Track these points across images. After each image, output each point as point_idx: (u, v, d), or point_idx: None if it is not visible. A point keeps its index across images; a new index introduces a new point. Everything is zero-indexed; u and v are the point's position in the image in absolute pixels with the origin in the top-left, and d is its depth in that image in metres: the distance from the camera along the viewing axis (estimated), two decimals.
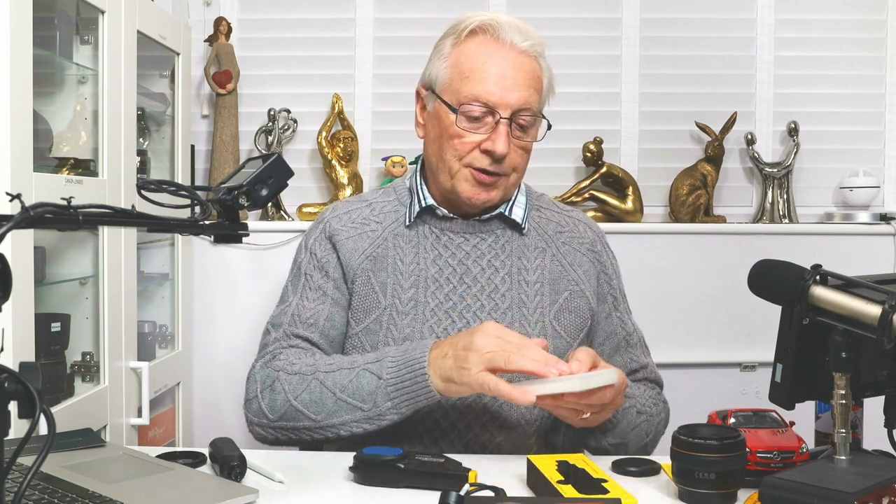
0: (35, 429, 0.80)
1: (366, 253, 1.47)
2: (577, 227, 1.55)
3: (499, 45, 1.43)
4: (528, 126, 1.42)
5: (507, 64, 1.41)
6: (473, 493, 1.06)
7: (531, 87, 1.42)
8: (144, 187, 1.09)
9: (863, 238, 2.57)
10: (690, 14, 2.68)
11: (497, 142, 1.39)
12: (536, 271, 1.47)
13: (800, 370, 1.06)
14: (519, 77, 1.41)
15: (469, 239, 1.48)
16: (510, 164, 1.42)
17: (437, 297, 1.43)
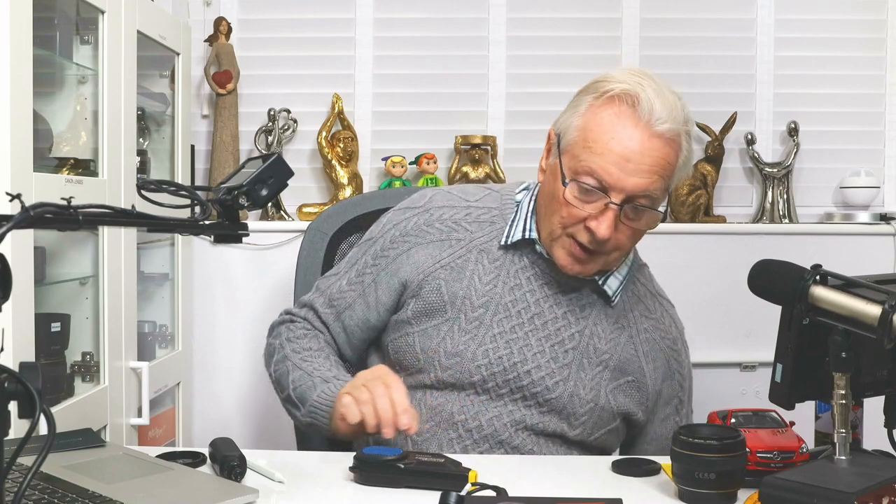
0: (35, 429, 0.80)
1: (442, 262, 1.43)
2: (663, 320, 1.50)
3: (634, 121, 1.30)
4: (643, 210, 1.33)
5: (635, 145, 1.29)
6: (474, 492, 1.06)
7: (655, 173, 1.30)
8: (144, 187, 1.09)
9: (863, 238, 2.57)
10: (690, 14, 2.68)
11: (602, 225, 1.30)
12: (609, 344, 1.42)
13: (800, 370, 1.06)
14: (644, 162, 1.30)
15: (553, 284, 1.41)
16: (613, 245, 1.35)
17: (501, 325, 1.40)
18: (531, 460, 1.34)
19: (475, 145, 2.55)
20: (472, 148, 2.56)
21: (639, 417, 1.45)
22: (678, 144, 1.33)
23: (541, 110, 2.65)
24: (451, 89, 2.64)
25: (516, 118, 2.66)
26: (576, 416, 1.40)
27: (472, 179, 2.55)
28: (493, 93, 2.66)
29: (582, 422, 1.40)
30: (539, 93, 2.65)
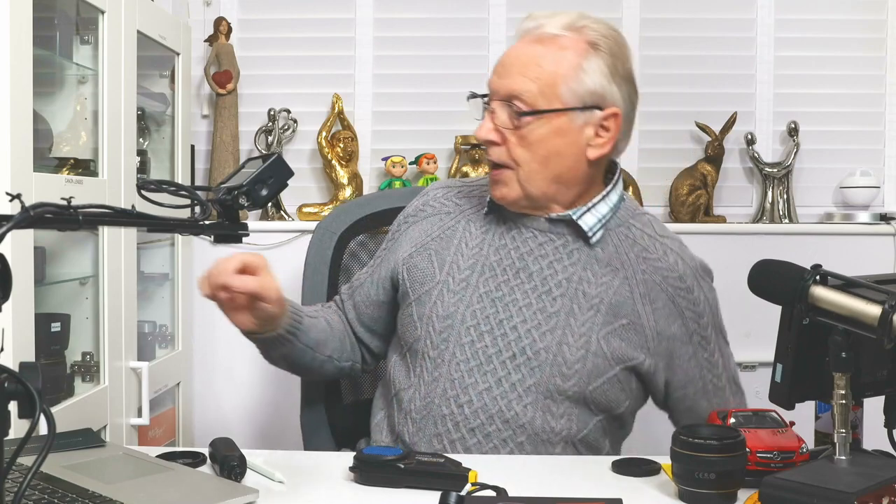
0: (35, 429, 0.80)
1: (433, 234, 1.48)
2: (666, 258, 1.42)
3: (518, 34, 1.39)
4: (522, 115, 1.33)
5: (511, 51, 1.37)
6: (474, 492, 1.06)
7: (524, 74, 1.33)
8: (144, 187, 1.09)
9: (863, 238, 2.57)
10: (690, 14, 2.68)
11: (479, 128, 1.37)
12: (600, 288, 1.38)
13: (800, 370, 1.06)
14: (514, 65, 1.35)
15: (537, 236, 1.41)
16: (510, 157, 1.36)
17: (488, 284, 1.40)
18: (531, 460, 1.34)
19: (475, 145, 2.55)
20: (472, 148, 2.56)
21: (642, 362, 1.37)
22: (558, 47, 1.34)
23: None
24: (451, 89, 2.64)
25: None
26: (567, 365, 1.34)
27: None
28: None
29: (575, 370, 1.34)
30: None
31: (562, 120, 1.34)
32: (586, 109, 1.34)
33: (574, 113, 1.34)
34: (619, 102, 1.36)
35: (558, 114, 1.34)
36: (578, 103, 1.34)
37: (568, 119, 1.34)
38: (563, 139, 1.35)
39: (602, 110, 1.35)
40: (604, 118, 1.35)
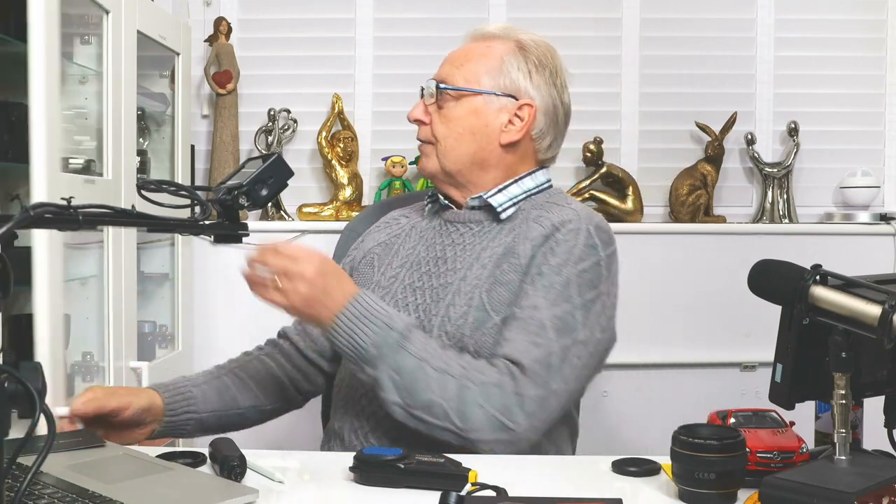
0: (35, 429, 0.80)
1: (379, 241, 1.60)
2: (560, 212, 1.47)
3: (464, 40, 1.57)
4: (450, 99, 1.49)
5: (455, 50, 1.55)
6: (474, 492, 1.06)
7: (452, 63, 1.51)
8: (144, 187, 1.09)
9: (863, 238, 2.57)
10: (690, 14, 2.68)
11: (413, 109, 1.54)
12: (496, 249, 1.44)
13: (800, 370, 1.06)
14: (451, 58, 1.53)
15: (459, 228, 1.51)
16: (432, 133, 1.51)
17: (412, 276, 1.49)
18: (531, 460, 1.34)
19: None
20: None
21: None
22: (489, 44, 1.52)
23: None
24: None
25: None
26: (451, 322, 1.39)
27: None
28: None
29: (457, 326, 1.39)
30: None
31: (477, 101, 1.48)
32: (502, 96, 1.48)
33: (490, 97, 1.48)
34: (537, 99, 1.50)
35: (475, 95, 1.48)
36: (495, 89, 1.48)
37: (484, 101, 1.48)
38: (478, 120, 1.48)
39: (517, 101, 1.49)
40: (518, 108, 1.49)
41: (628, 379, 2.56)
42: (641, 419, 2.54)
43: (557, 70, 1.55)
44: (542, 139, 1.53)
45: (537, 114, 1.50)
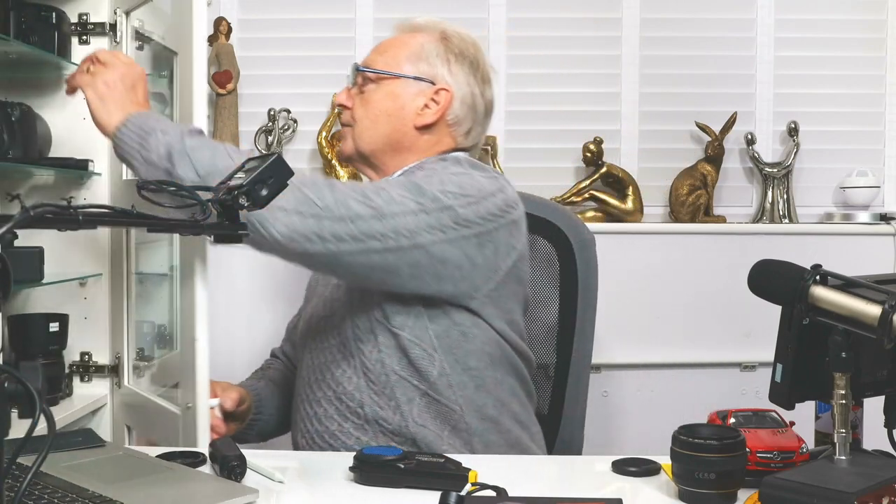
0: (35, 429, 0.80)
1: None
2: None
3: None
4: (368, 82, 1.54)
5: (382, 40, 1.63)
6: (474, 492, 1.06)
7: (375, 51, 1.58)
8: (144, 187, 1.09)
9: (863, 238, 2.57)
10: (690, 14, 2.68)
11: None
12: None
13: (800, 370, 1.06)
14: (377, 47, 1.60)
15: None
16: (352, 117, 1.55)
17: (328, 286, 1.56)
18: (531, 460, 1.34)
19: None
20: None
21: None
22: (412, 34, 1.59)
23: (541, 110, 2.66)
24: None
25: (516, 118, 2.65)
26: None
27: None
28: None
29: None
30: (539, 93, 2.65)
31: (394, 85, 1.53)
32: (419, 80, 1.53)
33: (408, 80, 1.53)
34: (454, 87, 1.54)
35: (394, 79, 1.53)
36: (412, 73, 1.53)
37: (400, 85, 1.53)
38: (394, 102, 1.52)
39: (434, 85, 1.53)
40: (435, 92, 1.52)
41: (628, 379, 2.56)
42: (641, 419, 2.54)
43: (478, 64, 1.59)
44: (458, 125, 1.55)
45: (453, 100, 1.53)
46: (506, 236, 1.42)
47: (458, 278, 1.38)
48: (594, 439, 1.86)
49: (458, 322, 1.41)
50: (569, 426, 1.66)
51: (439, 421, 1.41)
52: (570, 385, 1.66)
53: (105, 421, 1.91)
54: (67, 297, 1.90)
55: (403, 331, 1.40)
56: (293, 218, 1.25)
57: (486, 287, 1.41)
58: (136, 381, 1.96)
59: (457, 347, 1.41)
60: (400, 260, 1.32)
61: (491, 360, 1.44)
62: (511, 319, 1.47)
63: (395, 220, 1.31)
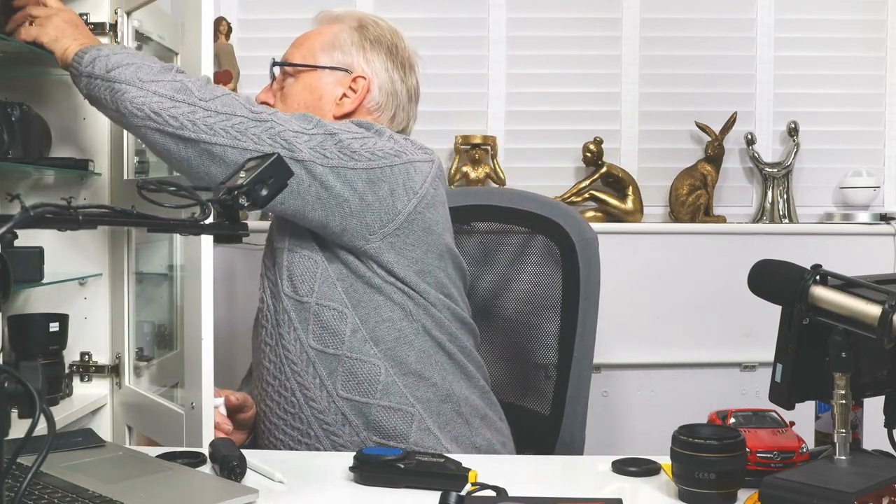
0: (35, 429, 0.80)
1: None
2: None
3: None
4: (287, 76, 1.56)
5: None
6: (474, 492, 1.06)
7: (296, 45, 1.58)
8: (144, 187, 1.09)
9: (863, 238, 2.57)
10: (690, 14, 2.68)
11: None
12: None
13: (800, 370, 1.06)
14: (296, 40, 1.60)
15: None
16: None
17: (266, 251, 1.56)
18: (531, 460, 1.34)
19: (475, 145, 2.56)
20: (472, 148, 2.56)
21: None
22: (329, 25, 1.60)
23: (541, 110, 2.67)
24: (450, 89, 2.64)
25: (516, 118, 2.66)
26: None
27: (472, 179, 2.55)
28: (493, 93, 2.67)
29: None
30: (539, 93, 2.65)
31: (311, 77, 1.54)
32: (335, 70, 1.53)
33: (323, 71, 1.54)
34: (371, 74, 1.54)
35: (310, 71, 1.54)
36: (327, 63, 1.54)
37: (317, 76, 1.54)
38: (312, 94, 1.53)
39: (350, 74, 1.53)
40: (352, 80, 1.53)
41: (628, 379, 2.56)
42: (641, 419, 2.54)
43: (397, 49, 1.59)
44: (380, 112, 1.55)
45: (371, 87, 1.53)
46: (403, 177, 1.40)
47: (346, 213, 1.37)
48: (594, 439, 1.86)
49: (360, 273, 1.41)
50: (570, 426, 1.65)
51: (365, 386, 1.40)
52: (571, 385, 1.66)
53: (105, 421, 1.90)
54: (67, 297, 1.90)
55: (312, 296, 1.41)
56: (165, 102, 1.32)
57: (383, 230, 1.39)
58: (136, 381, 1.96)
59: (366, 300, 1.41)
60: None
61: (405, 312, 1.43)
62: (422, 270, 1.43)
63: (273, 127, 1.35)
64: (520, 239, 1.73)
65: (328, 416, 1.40)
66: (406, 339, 1.42)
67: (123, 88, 1.33)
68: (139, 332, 2.10)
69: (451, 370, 1.46)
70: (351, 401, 1.40)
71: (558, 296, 1.70)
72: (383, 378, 1.40)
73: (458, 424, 1.44)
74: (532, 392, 1.69)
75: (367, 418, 1.39)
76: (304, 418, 1.42)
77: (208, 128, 1.32)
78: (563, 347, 1.68)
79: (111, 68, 1.35)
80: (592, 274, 1.69)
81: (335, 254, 1.41)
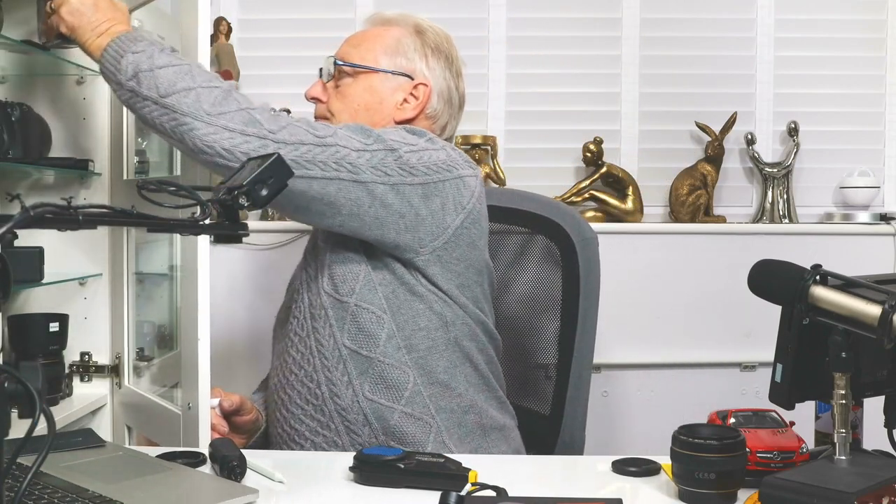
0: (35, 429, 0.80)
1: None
2: None
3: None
4: (344, 75, 1.56)
5: (354, 33, 1.64)
6: (474, 492, 1.06)
7: (349, 43, 1.59)
8: (144, 187, 1.09)
9: (863, 238, 2.57)
10: (690, 14, 2.68)
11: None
12: None
13: (800, 370, 1.06)
14: (350, 39, 1.61)
15: None
16: (328, 110, 1.56)
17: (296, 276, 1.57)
18: (531, 460, 1.34)
19: (475, 145, 2.55)
20: (473, 148, 2.56)
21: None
22: (387, 26, 1.61)
23: (541, 110, 2.67)
24: None
25: (516, 118, 2.66)
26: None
27: None
28: (493, 93, 2.67)
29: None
30: (539, 93, 2.65)
31: (373, 79, 1.54)
32: (398, 75, 1.53)
33: (386, 75, 1.54)
34: (432, 81, 1.55)
35: (370, 73, 1.54)
36: (390, 68, 1.54)
37: (379, 79, 1.54)
38: (373, 96, 1.53)
39: (412, 80, 1.54)
40: (413, 87, 1.54)
41: (628, 379, 2.56)
42: (641, 419, 2.54)
43: (452, 58, 1.59)
44: (436, 119, 1.57)
45: (432, 94, 1.54)
46: (453, 192, 1.42)
47: (401, 228, 1.37)
48: (594, 439, 1.86)
49: (405, 280, 1.41)
50: (570, 426, 1.65)
51: (392, 391, 1.40)
52: (571, 385, 1.66)
53: (105, 421, 1.91)
54: (67, 297, 1.90)
55: (352, 297, 1.41)
56: (237, 138, 1.28)
57: (433, 244, 1.40)
58: (136, 381, 1.97)
59: (406, 307, 1.41)
60: (340, 193, 1.32)
61: (442, 322, 1.44)
62: (462, 284, 1.45)
63: (338, 151, 1.33)
64: (520, 239, 1.73)
65: (350, 414, 1.40)
66: (438, 349, 1.43)
67: (189, 123, 1.27)
68: (139, 332, 2.10)
69: (475, 382, 1.48)
70: (375, 403, 1.40)
71: (558, 296, 1.70)
72: (411, 386, 1.41)
73: (476, 436, 1.45)
74: (532, 392, 1.68)
75: (388, 423, 1.39)
76: (327, 411, 1.42)
77: None
78: (563, 347, 1.67)
79: (166, 92, 1.28)
80: (592, 274, 1.69)
81: (381, 260, 1.41)
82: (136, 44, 1.33)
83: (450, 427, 1.42)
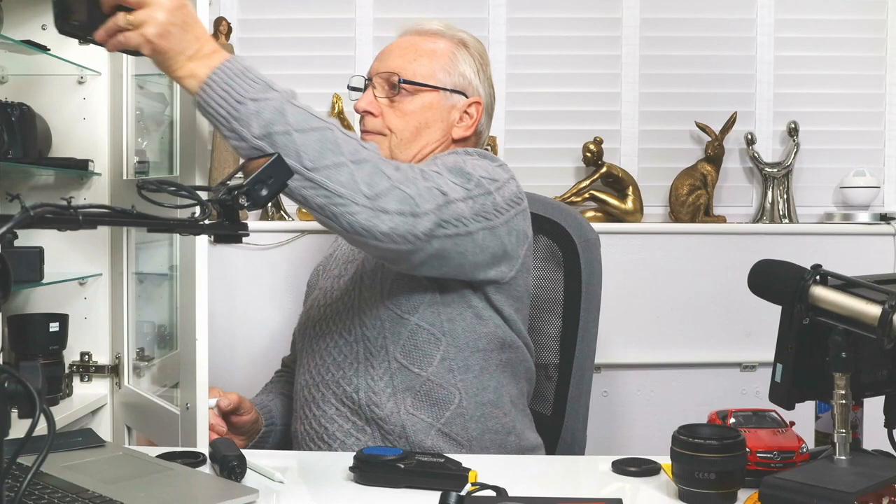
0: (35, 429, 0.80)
1: (328, 253, 1.66)
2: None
3: (399, 33, 1.62)
4: (405, 93, 1.51)
5: (394, 43, 1.58)
6: (474, 492, 1.06)
7: (398, 56, 1.54)
8: (144, 187, 1.09)
9: (863, 238, 2.57)
10: (690, 14, 2.68)
11: (357, 101, 1.54)
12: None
13: (800, 370, 1.06)
14: (392, 52, 1.55)
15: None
16: (385, 125, 1.51)
17: (327, 282, 1.55)
18: (531, 460, 1.34)
19: None
20: None
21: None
22: (434, 38, 1.58)
23: (541, 110, 2.66)
24: None
25: (516, 118, 2.66)
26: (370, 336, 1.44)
27: None
28: None
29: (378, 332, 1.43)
30: (539, 93, 2.65)
31: (433, 97, 1.52)
32: (455, 93, 1.53)
33: (444, 93, 1.53)
34: (483, 96, 1.56)
35: (430, 90, 1.52)
36: (449, 85, 1.53)
37: (438, 97, 1.53)
38: (433, 114, 1.52)
39: (467, 98, 1.54)
40: (468, 105, 1.54)
41: (628, 379, 2.56)
42: (641, 419, 2.54)
43: (489, 67, 1.62)
44: (482, 134, 1.59)
45: (483, 111, 1.56)
46: (522, 224, 1.44)
47: (491, 265, 1.39)
48: (594, 439, 1.86)
49: (472, 304, 1.42)
50: (571, 426, 1.65)
51: (436, 409, 1.40)
52: (572, 385, 1.66)
53: (105, 421, 1.91)
54: (67, 297, 1.91)
55: (414, 316, 1.40)
56: (395, 219, 1.22)
57: (510, 274, 1.43)
58: (136, 381, 1.97)
59: (469, 330, 1.42)
60: (452, 247, 1.32)
61: (499, 345, 1.45)
62: (518, 308, 1.48)
63: (454, 207, 1.30)
64: None
65: (388, 424, 1.40)
66: (489, 370, 1.44)
67: (347, 206, 1.18)
68: (139, 332, 2.10)
69: (518, 403, 1.50)
70: (416, 417, 1.40)
71: (560, 296, 1.70)
72: (454, 406, 1.41)
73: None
74: (534, 392, 1.68)
75: (423, 441, 1.39)
76: (363, 415, 1.41)
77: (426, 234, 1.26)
78: (564, 348, 1.68)
79: (313, 166, 1.16)
80: (594, 275, 1.69)
81: (453, 287, 1.41)
82: (250, 84, 1.18)
83: (488, 448, 1.43)
